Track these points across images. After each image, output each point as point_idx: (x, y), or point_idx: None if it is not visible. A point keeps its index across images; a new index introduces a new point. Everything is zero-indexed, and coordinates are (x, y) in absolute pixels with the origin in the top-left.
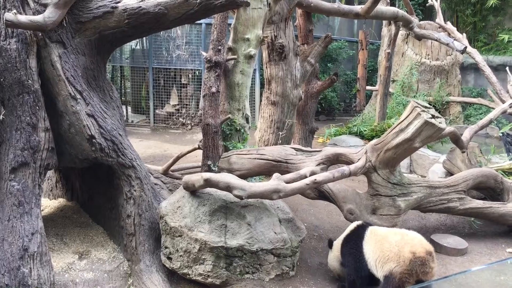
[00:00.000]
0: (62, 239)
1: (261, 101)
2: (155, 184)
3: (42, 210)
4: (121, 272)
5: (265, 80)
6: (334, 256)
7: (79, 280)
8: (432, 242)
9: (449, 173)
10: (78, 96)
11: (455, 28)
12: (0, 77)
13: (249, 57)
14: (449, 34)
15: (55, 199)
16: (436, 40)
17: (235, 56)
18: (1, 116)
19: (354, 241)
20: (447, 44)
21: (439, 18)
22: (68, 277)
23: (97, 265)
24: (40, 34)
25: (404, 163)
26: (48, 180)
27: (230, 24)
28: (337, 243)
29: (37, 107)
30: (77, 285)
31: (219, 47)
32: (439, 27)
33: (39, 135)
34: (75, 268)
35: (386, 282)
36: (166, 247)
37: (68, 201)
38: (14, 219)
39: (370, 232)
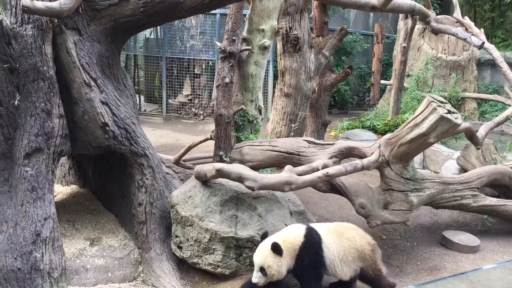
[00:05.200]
0: (74, 225)
1: (274, 93)
2: (167, 173)
3: (55, 196)
4: (131, 259)
5: (279, 71)
6: (287, 263)
7: (90, 266)
8: (444, 238)
9: (463, 170)
10: (93, 83)
11: (472, 23)
12: (15, 62)
13: (264, 48)
14: (466, 29)
15: (67, 185)
16: (453, 34)
17: (250, 47)
18: (16, 101)
19: (312, 247)
20: (464, 39)
21: (457, 13)
22: (79, 263)
23: (108, 252)
24: (56, 21)
25: (417, 159)
26: (61, 166)
27: (245, 15)
28: (289, 248)
29: (52, 94)
30: (88, 271)
31: (234, 38)
32: (457, 22)
33: (53, 122)
34: (86, 254)
35: (365, 279)
36: (176, 236)
37: (81, 187)
38: (27, 204)
39: (322, 231)
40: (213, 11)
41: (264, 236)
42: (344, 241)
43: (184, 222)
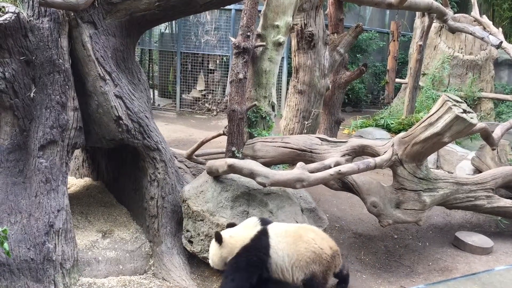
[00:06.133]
0: (86, 217)
1: (287, 89)
2: (179, 168)
3: (68, 188)
4: (142, 252)
5: (292, 68)
6: (222, 256)
7: (102, 258)
8: (456, 239)
9: (478, 171)
10: (107, 77)
11: (491, 22)
12: (32, 55)
13: (278, 45)
14: (484, 28)
15: (81, 178)
16: (470, 33)
17: (264, 43)
18: (32, 93)
19: (255, 251)
20: (482, 38)
21: (475, 11)
22: (91, 254)
23: (119, 244)
24: (72, 14)
25: (431, 158)
26: (75, 159)
27: (260, 11)
28: (232, 245)
29: (67, 86)
30: (100, 263)
31: (248, 33)
32: (474, 21)
33: (68, 114)
34: (98, 246)
35: (310, 284)
36: (187, 231)
37: (94, 180)
38: (41, 195)
39: (279, 235)
40: (228, 7)
41: (229, 225)
42: (300, 244)
43: (195, 217)
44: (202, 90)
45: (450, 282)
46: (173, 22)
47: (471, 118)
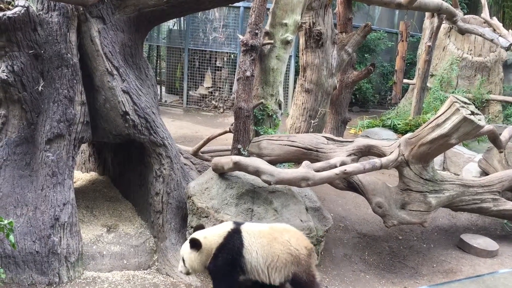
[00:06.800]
0: (91, 211)
1: (294, 88)
2: (185, 164)
3: (74, 182)
4: (147, 248)
5: (300, 67)
6: (201, 260)
7: (106, 253)
8: (461, 241)
9: (484, 173)
10: (115, 72)
11: (501, 24)
12: (40, 49)
13: (286, 43)
14: (494, 30)
15: (87, 172)
16: (480, 35)
17: (272, 41)
18: (40, 87)
19: (229, 251)
20: (492, 40)
21: (485, 13)
22: (96, 248)
23: (124, 239)
24: (81, 9)
25: (437, 160)
26: (81, 153)
27: (268, 8)
28: (208, 246)
29: (75, 81)
30: (104, 257)
31: (256, 31)
32: (484, 22)
33: (75, 108)
34: (103, 240)
35: (297, 285)
36: (192, 227)
37: (100, 175)
38: (47, 189)
39: (252, 235)
40: (237, 4)
41: (197, 228)
42: (275, 246)
43: (200, 213)
44: (209, 87)
45: (453, 284)
46: (182, 18)
47: (478, 120)
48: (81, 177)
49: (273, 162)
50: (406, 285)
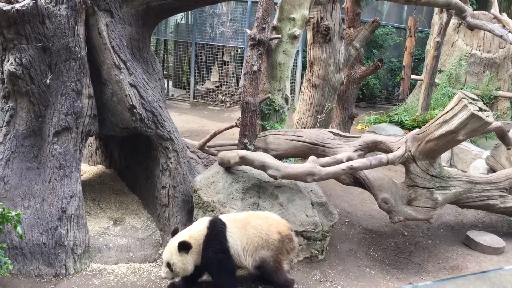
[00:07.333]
0: (98, 204)
1: (301, 83)
2: (191, 158)
3: (81, 175)
4: (153, 241)
5: (307, 62)
6: (193, 259)
7: (113, 245)
8: (467, 238)
9: (492, 170)
10: (122, 65)
11: (510, 20)
12: (48, 42)
13: (293, 37)
14: (503, 26)
15: (94, 165)
16: (489, 31)
17: (279, 36)
18: (48, 80)
19: (215, 237)
20: (501, 36)
21: (495, 9)
22: (102, 241)
23: (130, 232)
24: (89, 2)
25: (444, 156)
26: (88, 146)
27: (276, 3)
28: (195, 243)
29: (82, 74)
30: (111, 250)
31: (264, 25)
32: (494, 18)
33: (82, 102)
34: (109, 233)
35: (263, 270)
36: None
37: (107, 168)
38: (55, 181)
39: (228, 220)
40: None
41: (175, 232)
42: (249, 229)
43: (206, 207)
44: (216, 81)
45: (459, 280)
46: (189, 12)
47: (487, 116)
48: (88, 170)
49: (279, 157)
50: (411, 281)
